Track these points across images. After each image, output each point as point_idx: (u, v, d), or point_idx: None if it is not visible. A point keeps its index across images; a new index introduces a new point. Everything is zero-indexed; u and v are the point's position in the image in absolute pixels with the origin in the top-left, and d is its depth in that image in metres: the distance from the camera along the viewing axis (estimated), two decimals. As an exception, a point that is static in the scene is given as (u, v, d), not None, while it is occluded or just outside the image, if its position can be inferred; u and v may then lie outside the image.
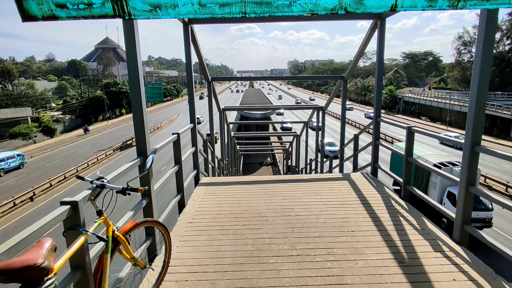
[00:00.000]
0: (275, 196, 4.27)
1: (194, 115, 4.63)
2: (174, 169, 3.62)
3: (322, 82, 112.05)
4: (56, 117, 52.91)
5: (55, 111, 58.61)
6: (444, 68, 76.45)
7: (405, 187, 3.99)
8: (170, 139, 3.51)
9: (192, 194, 4.39)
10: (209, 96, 6.29)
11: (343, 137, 6.62)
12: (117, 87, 60.98)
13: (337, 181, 4.82)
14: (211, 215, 3.69)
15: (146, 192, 2.72)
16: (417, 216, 3.51)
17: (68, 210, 1.61)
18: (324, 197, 4.16)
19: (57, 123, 50.36)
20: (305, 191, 4.44)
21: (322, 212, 3.68)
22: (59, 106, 60.42)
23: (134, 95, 2.62)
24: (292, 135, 14.17)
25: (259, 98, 44.76)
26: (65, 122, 52.93)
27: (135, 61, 2.54)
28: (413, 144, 3.85)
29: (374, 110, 4.87)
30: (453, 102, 42.14)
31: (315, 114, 9.07)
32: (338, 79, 6.67)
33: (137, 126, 2.66)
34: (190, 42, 4.44)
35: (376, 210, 3.70)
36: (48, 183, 23.25)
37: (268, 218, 3.57)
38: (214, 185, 4.80)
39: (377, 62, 4.81)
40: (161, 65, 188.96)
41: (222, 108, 8.12)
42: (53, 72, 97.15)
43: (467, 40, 51.73)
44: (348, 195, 4.24)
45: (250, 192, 4.43)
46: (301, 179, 5.00)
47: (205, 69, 5.64)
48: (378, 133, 4.90)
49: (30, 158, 31.65)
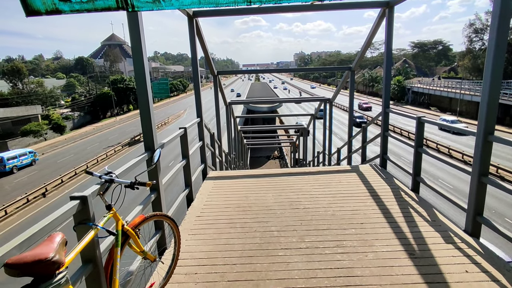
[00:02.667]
0: (283, 189, 4.26)
1: (201, 109, 4.62)
2: (182, 163, 3.63)
3: (328, 74, 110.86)
4: (65, 114, 53.61)
5: (64, 108, 59.35)
6: (454, 57, 74.73)
7: (414, 178, 3.93)
8: (177, 133, 3.51)
9: (200, 188, 4.41)
10: (215, 90, 6.27)
11: (351, 129, 6.55)
12: (124, 83, 61.36)
13: (346, 173, 4.78)
14: (219, 208, 3.71)
15: (155, 186, 2.73)
16: (427, 207, 3.46)
17: (77, 204, 1.63)
18: (333, 190, 4.13)
19: (67, 120, 51.02)
20: (313, 183, 4.42)
21: (330, 205, 3.66)
22: (68, 103, 61.18)
23: (140, 89, 2.61)
24: (299, 128, 14.09)
25: (266, 92, 44.56)
26: (74, 119, 53.61)
27: (140, 55, 2.53)
28: (423, 134, 3.78)
29: (383, 101, 4.78)
30: (464, 92, 41.26)
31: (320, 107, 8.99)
32: (345, 70, 6.57)
33: (144, 121, 2.67)
34: (195, 36, 4.41)
35: (386, 201, 3.66)
36: (60, 179, 23.69)
37: (276, 211, 3.57)
38: (221, 179, 4.82)
39: (385, 52, 4.71)
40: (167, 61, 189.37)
41: (228, 102, 8.10)
42: (61, 70, 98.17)
43: (478, 27, 50.28)
44: (356, 187, 4.20)
45: (258, 186, 4.43)
46: (309, 171, 4.98)
47: (211, 62, 5.61)
48: (387, 124, 4.83)
49: (41, 155, 32.27)
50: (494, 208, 14.98)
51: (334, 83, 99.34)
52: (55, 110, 54.03)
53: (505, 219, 13.87)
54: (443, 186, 18.04)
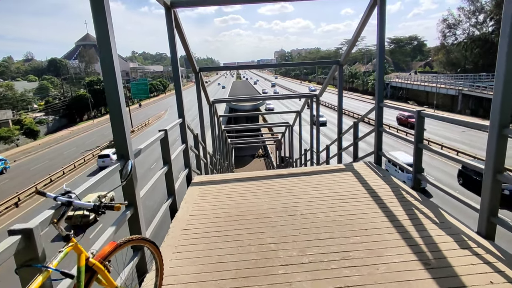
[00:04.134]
0: (277, 193, 3.91)
1: (183, 109, 4.20)
2: (163, 170, 3.22)
3: (309, 71, 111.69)
4: (39, 118, 51.15)
5: (37, 112, 56.69)
6: (429, 52, 77.00)
7: (415, 176, 3.68)
8: (157, 137, 3.10)
9: (185, 196, 3.99)
10: (197, 88, 5.84)
11: (341, 126, 6.30)
12: (101, 85, 59.24)
13: (341, 173, 4.50)
14: (208, 219, 3.32)
15: (131, 201, 2.32)
16: (433, 208, 3.22)
17: (19, 241, 1.21)
18: (330, 191, 3.83)
19: (40, 124, 48.70)
20: (308, 185, 4.10)
21: (329, 209, 3.35)
22: (41, 107, 58.49)
23: (109, 89, 2.18)
24: (285, 125, 13.82)
25: (248, 90, 44.19)
26: (48, 123, 51.25)
27: (109, 50, 2.09)
28: (423, 129, 3.53)
29: (376, 95, 4.52)
30: (440, 86, 42.45)
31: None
32: (333, 65, 6.30)
33: (115, 125, 2.24)
34: (174, 29, 3.98)
35: (388, 203, 3.39)
36: (34, 187, 22.42)
37: (271, 219, 3.22)
38: (208, 184, 4.42)
39: (378, 44, 4.45)
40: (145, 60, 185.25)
41: (211, 101, 7.68)
42: (33, 72, 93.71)
43: (451, 22, 51.92)
44: (355, 187, 3.92)
45: (249, 190, 4.07)
46: (302, 172, 4.66)
47: (192, 59, 5.18)
48: (381, 119, 4.57)
49: (13, 162, 30.50)
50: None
51: (315, 79, 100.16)
52: (28, 114, 51.43)
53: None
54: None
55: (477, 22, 49.22)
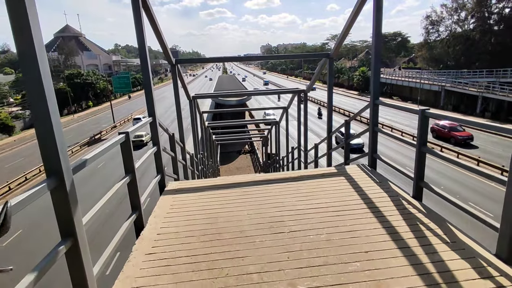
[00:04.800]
0: (261, 203, 3.41)
1: (153, 106, 3.63)
2: (124, 180, 2.66)
3: (295, 66, 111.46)
4: (15, 113, 48.84)
5: (13, 106, 54.18)
6: (412, 48, 78.02)
7: (417, 184, 3.27)
8: (114, 141, 2.54)
9: (156, 208, 3.44)
10: (174, 82, 5.27)
11: (331, 123, 5.85)
12: (81, 78, 57.10)
13: (332, 178, 4.04)
14: (179, 238, 2.79)
15: (69, 231, 1.74)
16: (440, 222, 2.80)
17: None
18: (321, 201, 3.37)
19: (16, 119, 46.47)
20: (296, 193, 3.62)
21: (322, 225, 2.88)
22: (18, 101, 55.92)
23: (30, 79, 1.59)
24: (271, 122, 13.34)
25: (234, 84, 43.42)
26: (25, 118, 48.99)
27: (29, 40, 1.51)
28: (427, 130, 3.11)
29: (372, 91, 4.07)
30: (424, 82, 42.96)
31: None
32: (322, 58, 5.84)
33: (42, 131, 1.65)
34: (141, 8, 3.37)
35: (388, 216, 2.96)
36: (7, 186, 21.21)
37: (255, 238, 2.72)
38: (184, 192, 3.88)
39: (374, 35, 3.98)
40: (129, 53, 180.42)
41: (192, 96, 7.10)
42: (9, 65, 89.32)
43: (434, 19, 52.55)
44: (349, 196, 3.47)
45: (229, 200, 3.56)
46: (290, 177, 4.18)
47: (167, 48, 4.58)
48: (376, 118, 4.13)
49: (-15, 160, 28.85)
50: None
51: (301, 74, 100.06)
52: (3, 108, 48.93)
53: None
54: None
55: (459, 19, 50.00)
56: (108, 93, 54.35)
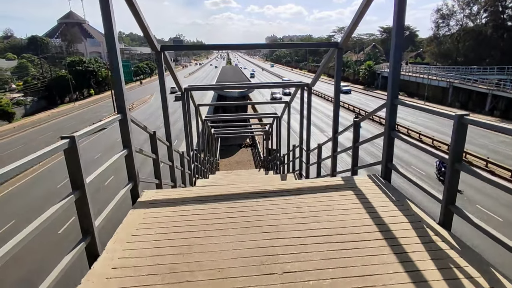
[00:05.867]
0: (250, 225, 2.79)
1: (123, 101, 3.03)
2: (68, 199, 2.06)
3: (301, 58, 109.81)
4: (16, 99, 48.46)
5: (16, 92, 53.82)
6: (420, 43, 76.32)
7: (446, 208, 2.58)
8: (53, 147, 1.95)
9: (120, 226, 2.82)
10: (159, 73, 4.64)
11: (337, 123, 5.21)
12: (83, 66, 56.41)
13: (339, 192, 3.41)
14: (138, 277, 2.15)
15: None
16: (480, 265, 2.16)
17: None
18: (325, 227, 2.72)
19: (18, 106, 46.11)
20: (295, 213, 2.98)
21: (326, 263, 2.25)
22: (20, 87, 55.51)
23: None
24: (273, 116, 12.69)
25: (237, 75, 42.57)
26: (26, 104, 48.62)
27: None
28: (464, 142, 2.46)
29: (390, 89, 3.41)
30: (431, 77, 41.85)
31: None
32: (330, 48, 5.17)
33: None
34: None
35: (411, 253, 2.32)
36: (3, 174, 20.83)
37: (236, 282, 2.11)
38: (158, 205, 3.26)
39: (395, 23, 3.30)
40: (133, 42, 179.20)
41: (184, 88, 6.47)
42: (12, 50, 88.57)
43: (445, 13, 51.01)
44: (359, 221, 2.82)
45: (211, 219, 2.93)
46: (287, 189, 3.56)
47: (149, 33, 3.93)
48: (393, 120, 3.48)
49: (-17, 146, 28.55)
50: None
51: (306, 67, 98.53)
52: (5, 94, 48.51)
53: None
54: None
55: (471, 13, 48.49)
56: (109, 81, 53.74)
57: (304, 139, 7.32)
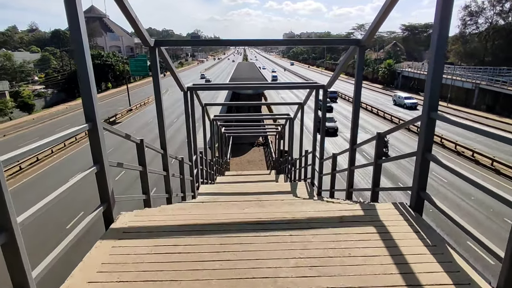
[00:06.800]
0: (238, 277, 2.09)
1: (93, 106, 2.50)
2: None
3: (318, 55, 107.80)
4: (38, 91, 49.74)
5: (38, 84, 55.32)
6: (444, 41, 73.09)
7: (510, 269, 1.76)
8: None
9: (77, 266, 2.15)
10: (153, 70, 4.10)
11: (356, 133, 4.46)
12: (101, 59, 57.16)
13: (357, 228, 2.65)
14: None
15: None
16: None
17: None
18: (337, 284, 1.98)
19: (39, 97, 47.30)
20: (298, 260, 2.26)
21: None
22: (42, 79, 57.01)
23: None
24: (285, 117, 12.02)
25: (252, 72, 41.94)
26: (46, 96, 49.81)
27: None
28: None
29: (427, 99, 2.60)
30: (456, 78, 39.78)
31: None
32: (351, 45, 4.47)
33: None
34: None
35: None
36: (18, 166, 21.15)
37: None
38: (131, 237, 2.57)
39: (437, 17, 2.55)
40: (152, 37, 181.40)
41: (187, 87, 5.93)
42: (36, 43, 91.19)
43: (474, 10, 48.35)
44: (382, 276, 2.05)
45: (191, 263, 2.24)
46: (292, 219, 2.85)
47: (138, 26, 3.37)
48: (430, 139, 2.72)
49: (2, 137, 29.25)
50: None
51: (323, 65, 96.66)
52: (28, 86, 49.80)
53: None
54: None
55: (502, 10, 45.74)
56: (126, 75, 54.24)
57: (317, 146, 6.65)
